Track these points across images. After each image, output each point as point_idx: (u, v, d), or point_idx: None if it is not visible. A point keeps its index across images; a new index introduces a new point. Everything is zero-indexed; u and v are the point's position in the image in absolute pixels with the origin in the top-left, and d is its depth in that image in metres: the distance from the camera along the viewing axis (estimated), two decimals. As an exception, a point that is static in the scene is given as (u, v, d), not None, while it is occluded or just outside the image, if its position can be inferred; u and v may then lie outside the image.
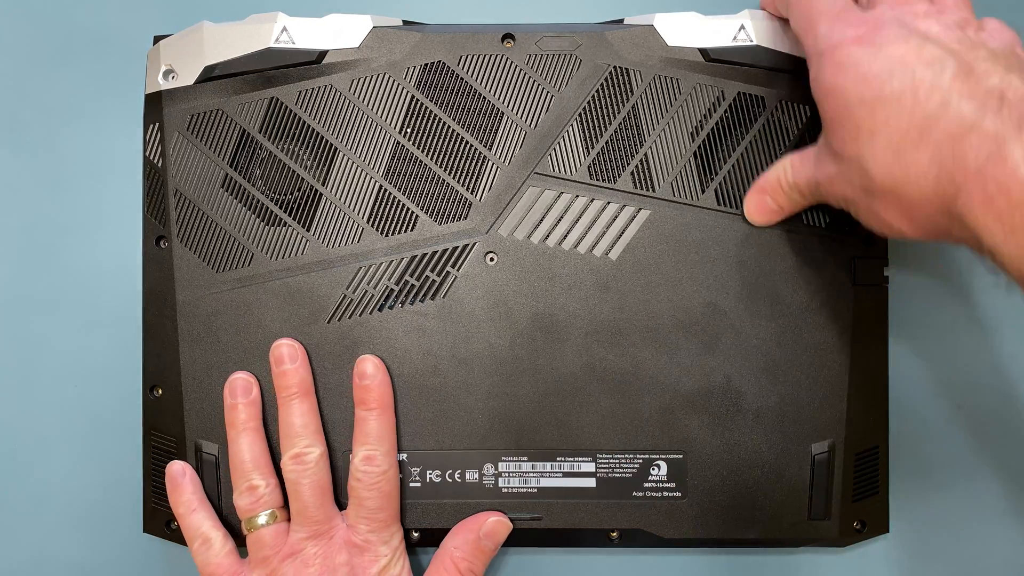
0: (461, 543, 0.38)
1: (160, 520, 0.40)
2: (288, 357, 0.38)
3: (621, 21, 0.40)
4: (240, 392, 0.39)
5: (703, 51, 0.39)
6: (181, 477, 0.39)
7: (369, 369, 0.38)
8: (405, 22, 0.40)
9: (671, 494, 0.39)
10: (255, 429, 0.39)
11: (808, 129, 0.39)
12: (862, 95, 0.31)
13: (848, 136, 0.32)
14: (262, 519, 0.38)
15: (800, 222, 0.39)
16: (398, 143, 0.39)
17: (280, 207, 0.39)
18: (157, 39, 0.40)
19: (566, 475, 0.39)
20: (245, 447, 0.38)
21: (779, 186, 0.37)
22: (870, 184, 0.31)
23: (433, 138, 0.39)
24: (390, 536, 0.38)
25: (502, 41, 0.39)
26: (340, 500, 0.39)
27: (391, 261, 0.39)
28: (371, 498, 0.38)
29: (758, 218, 0.38)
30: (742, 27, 0.39)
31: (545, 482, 0.39)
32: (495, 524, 0.39)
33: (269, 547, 0.37)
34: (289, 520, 0.38)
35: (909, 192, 0.30)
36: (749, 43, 0.39)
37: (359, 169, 0.39)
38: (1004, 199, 0.27)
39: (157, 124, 0.39)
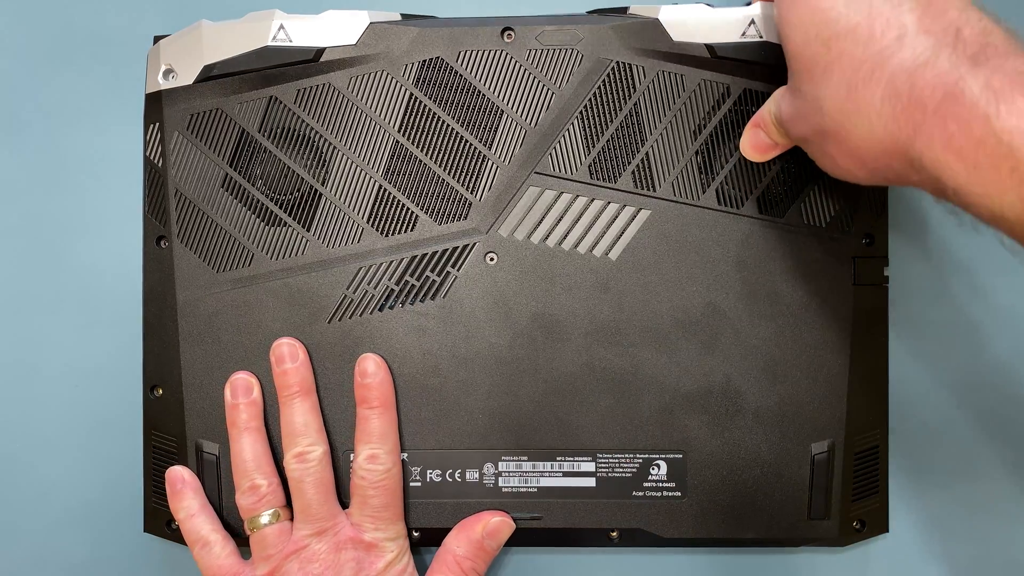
0: (464, 542, 0.38)
1: (160, 520, 0.40)
2: (289, 356, 0.38)
3: (625, 10, 0.39)
4: (241, 392, 0.39)
5: (710, 47, 0.38)
6: (180, 483, 0.39)
7: (371, 367, 0.38)
8: (403, 16, 0.40)
9: (671, 494, 0.39)
10: (256, 429, 0.39)
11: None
12: (819, 30, 0.30)
13: (805, 73, 0.31)
14: (265, 518, 0.38)
15: (800, 222, 0.39)
16: (397, 142, 0.39)
17: (280, 207, 0.39)
18: (157, 39, 0.40)
19: (566, 475, 0.39)
20: (247, 447, 0.38)
21: (769, 119, 0.36)
22: (823, 123, 0.31)
23: (432, 137, 0.39)
24: (396, 534, 0.38)
25: (502, 34, 0.39)
26: (343, 500, 0.39)
27: (391, 261, 0.39)
28: (376, 496, 0.38)
29: (753, 153, 0.37)
30: (752, 22, 0.38)
31: (545, 482, 0.39)
32: (498, 524, 0.39)
33: (272, 546, 0.37)
34: (291, 519, 0.38)
35: (859, 132, 0.29)
36: (758, 39, 0.38)
37: (359, 169, 0.39)
38: (965, 137, 0.26)
39: (157, 124, 0.39)
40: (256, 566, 0.38)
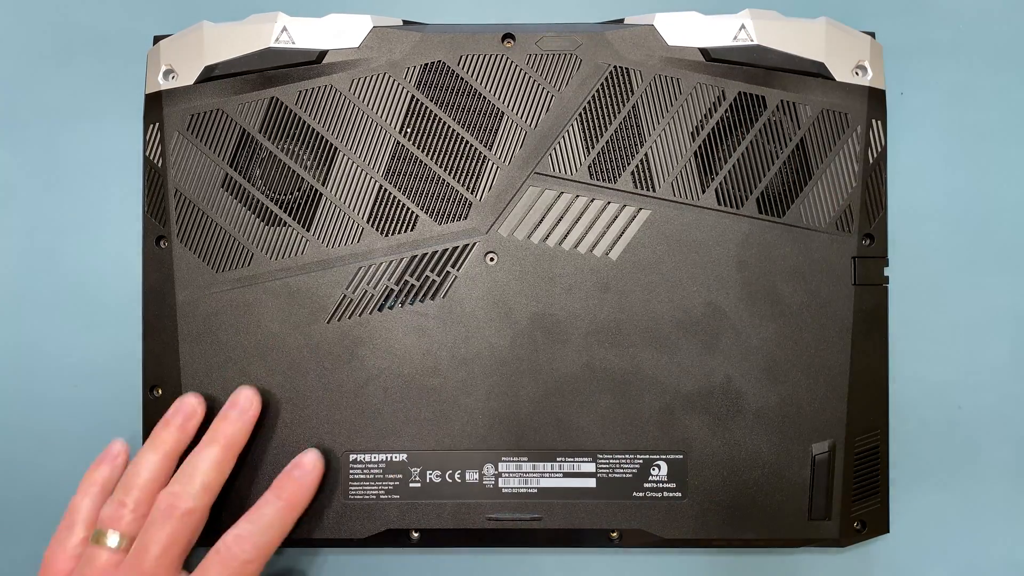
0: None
1: (160, 520, 0.40)
2: (240, 406, 0.37)
3: (621, 21, 0.40)
4: (183, 415, 0.37)
5: (704, 51, 0.39)
6: (112, 459, 0.37)
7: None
8: (405, 22, 0.40)
9: (671, 494, 0.39)
10: (171, 455, 0.36)
11: (808, 130, 0.39)
12: None
13: None
14: (109, 540, 0.34)
15: (800, 222, 0.39)
16: (398, 143, 0.39)
17: (280, 207, 0.39)
18: (157, 39, 0.40)
19: (566, 475, 0.39)
20: (150, 464, 0.36)
21: None
22: None
23: (433, 138, 0.39)
24: None
25: (502, 41, 0.39)
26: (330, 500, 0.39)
27: (391, 261, 0.39)
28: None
29: None
30: (743, 27, 0.39)
31: (545, 482, 0.39)
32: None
33: (93, 570, 0.34)
34: None
35: None
36: (750, 43, 0.39)
37: (359, 169, 0.39)
38: None
39: (157, 124, 0.39)
40: None
